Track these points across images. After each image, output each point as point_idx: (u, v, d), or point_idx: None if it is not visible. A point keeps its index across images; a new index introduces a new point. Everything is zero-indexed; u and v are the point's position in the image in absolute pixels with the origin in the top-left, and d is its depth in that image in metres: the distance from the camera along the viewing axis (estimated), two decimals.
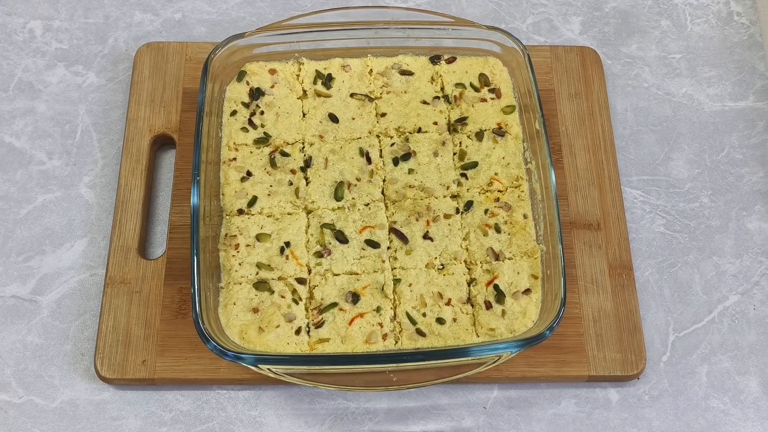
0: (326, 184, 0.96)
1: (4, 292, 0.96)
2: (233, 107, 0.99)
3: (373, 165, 0.97)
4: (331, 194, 0.95)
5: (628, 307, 0.94)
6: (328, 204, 0.95)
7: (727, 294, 0.98)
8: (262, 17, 1.14)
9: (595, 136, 1.03)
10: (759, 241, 1.01)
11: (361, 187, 0.96)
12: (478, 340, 0.88)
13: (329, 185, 0.96)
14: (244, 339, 0.87)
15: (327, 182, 0.96)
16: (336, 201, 0.95)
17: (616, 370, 0.91)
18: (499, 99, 1.01)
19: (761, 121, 1.09)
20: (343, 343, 0.87)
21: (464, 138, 0.98)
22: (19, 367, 0.92)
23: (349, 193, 0.95)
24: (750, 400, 0.92)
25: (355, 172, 0.96)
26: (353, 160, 0.97)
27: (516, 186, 0.96)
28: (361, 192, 0.95)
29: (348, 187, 0.95)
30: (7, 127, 1.05)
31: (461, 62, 1.03)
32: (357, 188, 0.95)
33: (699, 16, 1.16)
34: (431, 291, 0.90)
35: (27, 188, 1.01)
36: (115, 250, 0.95)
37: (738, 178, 1.05)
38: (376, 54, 1.03)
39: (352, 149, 0.98)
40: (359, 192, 0.95)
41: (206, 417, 0.90)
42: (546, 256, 0.90)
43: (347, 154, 0.97)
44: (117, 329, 0.91)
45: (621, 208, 0.99)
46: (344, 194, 0.95)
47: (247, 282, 0.90)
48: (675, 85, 1.11)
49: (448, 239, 0.93)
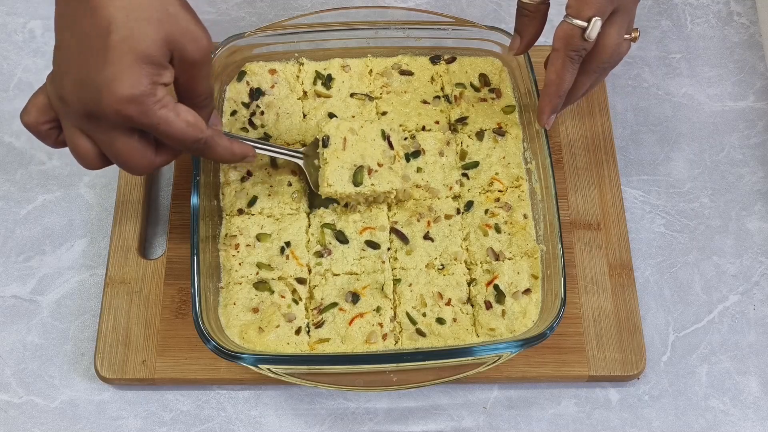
0: (344, 167, 0.91)
1: (4, 292, 0.96)
2: (233, 107, 0.99)
3: (394, 151, 0.92)
4: (349, 178, 0.91)
5: (628, 307, 0.94)
6: (346, 189, 0.90)
7: (727, 294, 0.98)
8: (262, 17, 1.14)
9: (595, 136, 1.03)
10: (759, 241, 1.01)
11: (382, 174, 0.91)
12: (478, 340, 0.88)
13: (348, 168, 0.91)
14: (244, 339, 0.87)
15: (345, 165, 0.91)
16: (354, 186, 0.90)
17: (616, 370, 0.91)
18: (499, 99, 1.01)
19: (761, 121, 1.09)
20: (343, 343, 0.87)
21: (465, 138, 0.98)
22: (19, 367, 0.92)
23: (369, 179, 0.91)
24: (750, 400, 0.92)
25: (377, 156, 0.92)
26: (374, 143, 0.92)
27: (516, 186, 0.96)
28: (381, 179, 0.91)
29: (369, 173, 0.91)
30: (7, 127, 1.05)
31: (461, 62, 1.03)
32: (378, 174, 0.91)
33: (699, 16, 1.16)
34: (431, 291, 0.90)
35: (27, 188, 1.01)
36: (115, 250, 0.95)
37: (738, 178, 1.05)
38: (376, 54, 1.03)
39: (374, 131, 0.93)
40: (379, 179, 0.91)
41: (206, 417, 0.90)
42: (546, 256, 0.90)
43: (368, 136, 0.92)
44: (117, 329, 0.91)
45: (621, 208, 0.99)
46: (364, 179, 0.91)
47: (247, 282, 0.90)
48: (675, 85, 1.11)
49: (448, 239, 0.93)
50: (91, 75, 0.68)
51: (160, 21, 0.69)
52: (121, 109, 0.69)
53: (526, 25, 0.90)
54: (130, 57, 0.68)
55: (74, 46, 0.70)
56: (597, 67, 0.86)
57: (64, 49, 0.71)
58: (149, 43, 0.69)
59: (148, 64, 0.69)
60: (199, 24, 0.73)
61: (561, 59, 0.84)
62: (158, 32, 0.69)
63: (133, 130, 0.73)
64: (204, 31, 0.73)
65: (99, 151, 0.74)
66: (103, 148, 0.74)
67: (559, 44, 0.83)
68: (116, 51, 0.68)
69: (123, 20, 0.68)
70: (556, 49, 0.83)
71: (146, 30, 0.68)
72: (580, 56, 0.84)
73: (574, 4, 0.81)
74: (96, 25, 0.68)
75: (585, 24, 0.81)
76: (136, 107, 0.69)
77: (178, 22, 0.71)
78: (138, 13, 0.68)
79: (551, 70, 0.85)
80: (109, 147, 0.73)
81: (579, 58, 0.84)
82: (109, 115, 0.69)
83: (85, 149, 0.74)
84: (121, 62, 0.68)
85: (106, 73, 0.68)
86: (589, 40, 0.81)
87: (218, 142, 0.79)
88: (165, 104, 0.71)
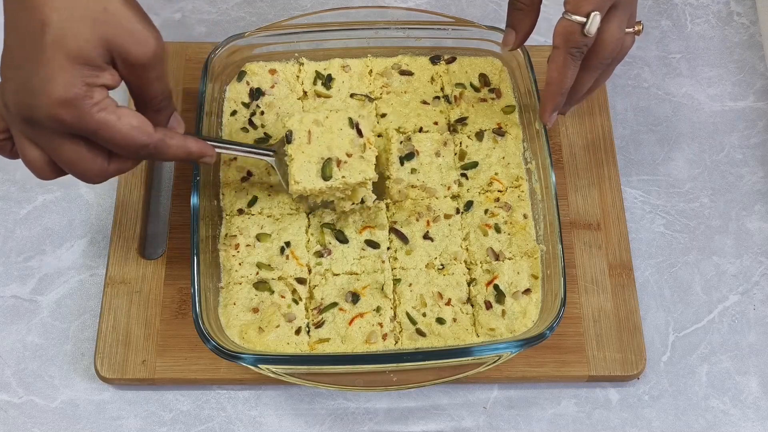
0: (311, 161, 0.88)
1: (4, 292, 0.96)
2: (233, 107, 0.99)
3: (364, 138, 0.89)
4: (317, 173, 0.87)
5: (628, 307, 0.94)
6: (315, 184, 0.87)
7: (727, 294, 0.98)
8: (262, 17, 1.14)
9: (595, 136, 1.03)
10: (759, 241, 1.01)
11: (353, 164, 0.88)
12: (478, 340, 0.88)
13: (315, 162, 0.88)
14: (244, 339, 0.87)
15: (312, 159, 0.88)
16: (324, 180, 0.87)
17: (616, 370, 0.91)
18: (499, 99, 1.01)
19: (761, 121, 1.09)
20: (343, 343, 0.87)
21: (464, 138, 0.98)
22: (19, 367, 0.92)
23: (339, 171, 0.87)
24: (750, 400, 0.92)
25: (346, 146, 0.88)
26: (341, 132, 0.89)
27: (516, 186, 0.96)
28: (352, 170, 0.88)
29: (338, 164, 0.87)
30: None
31: (461, 62, 1.03)
32: (348, 165, 0.88)
33: (699, 16, 1.16)
34: (431, 291, 0.90)
35: (27, 188, 1.01)
36: (115, 250, 0.95)
37: (738, 178, 1.05)
38: (376, 54, 1.03)
39: (340, 120, 0.90)
40: (350, 170, 0.88)
41: (206, 417, 0.90)
42: (546, 256, 0.90)
43: (334, 126, 0.89)
44: (117, 329, 0.91)
45: (621, 208, 0.99)
46: (333, 172, 0.87)
47: (247, 282, 0.90)
48: (675, 85, 1.11)
49: (448, 239, 0.93)
50: (27, 78, 0.66)
51: (95, 20, 0.66)
52: (55, 113, 0.65)
53: (521, 19, 0.89)
54: (62, 57, 0.65)
55: (15, 49, 0.67)
56: (599, 63, 0.85)
57: (8, 53, 0.68)
58: (82, 43, 0.65)
59: (82, 65, 0.66)
60: (147, 24, 0.69)
61: (562, 56, 0.83)
62: (93, 32, 0.66)
63: (79, 136, 0.69)
64: (151, 32, 0.69)
65: (49, 160, 0.71)
66: (52, 156, 0.70)
67: (559, 41, 0.82)
68: (49, 52, 0.65)
69: (57, 20, 0.65)
70: (556, 47, 0.83)
71: (80, 29, 0.65)
72: (582, 52, 0.83)
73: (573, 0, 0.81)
74: (31, 27, 0.65)
75: (584, 19, 0.80)
76: (70, 111, 0.66)
77: (119, 22, 0.67)
78: (72, 12, 0.65)
79: (552, 67, 0.84)
80: (57, 155, 0.70)
81: (580, 54, 0.83)
82: (44, 119, 0.66)
83: (33, 157, 0.71)
84: (53, 63, 0.65)
85: (40, 75, 0.65)
86: (589, 36, 0.81)
87: (169, 143, 0.75)
88: (103, 107, 0.67)
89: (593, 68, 0.86)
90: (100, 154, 0.71)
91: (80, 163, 0.71)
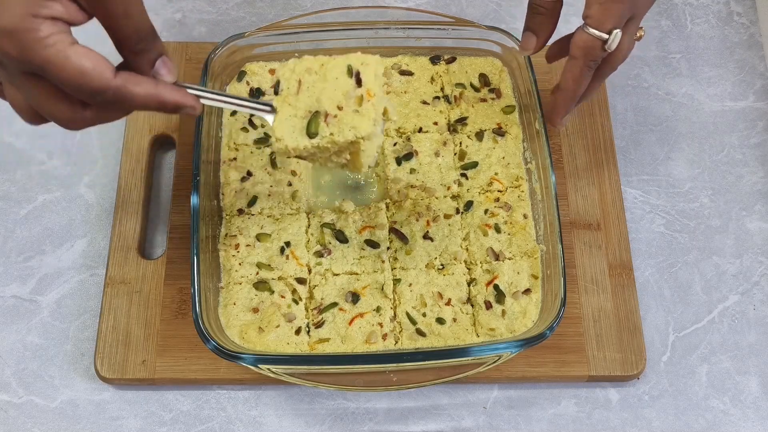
0: (297, 115, 0.74)
1: (4, 292, 0.96)
2: None
3: (363, 89, 0.74)
4: (302, 129, 0.73)
5: (628, 307, 0.94)
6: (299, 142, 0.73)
7: (727, 294, 0.98)
8: (262, 17, 1.14)
9: (595, 136, 1.03)
10: (759, 241, 1.01)
11: (343, 119, 0.73)
12: (478, 340, 0.88)
13: (301, 117, 0.74)
14: (244, 339, 0.87)
15: (298, 113, 0.74)
16: (309, 138, 0.73)
17: (616, 370, 0.91)
18: (499, 99, 1.01)
19: (761, 121, 1.09)
20: (343, 343, 0.87)
21: (464, 138, 0.98)
22: (19, 367, 0.92)
23: (327, 128, 0.73)
24: (750, 400, 0.92)
25: (338, 98, 0.74)
26: (337, 82, 0.74)
27: (516, 186, 0.96)
28: (342, 126, 0.73)
29: (325, 119, 0.73)
30: (7, 127, 1.05)
31: (461, 62, 1.03)
32: (338, 120, 0.73)
33: (699, 16, 1.16)
34: (431, 291, 0.90)
35: (27, 188, 1.01)
36: (115, 250, 0.95)
37: (738, 178, 1.05)
38: (376, 54, 1.03)
39: (338, 68, 0.75)
40: (340, 126, 0.73)
41: (206, 417, 0.90)
42: (546, 256, 0.90)
43: (329, 74, 0.75)
44: (117, 329, 0.91)
45: (621, 208, 0.99)
46: (320, 129, 0.73)
47: (247, 282, 0.90)
48: (675, 85, 1.11)
49: (448, 239, 0.93)
50: None
51: None
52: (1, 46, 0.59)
53: (542, 23, 0.89)
54: None
55: None
56: (609, 71, 0.87)
57: None
58: None
59: None
60: None
61: (579, 67, 0.84)
62: None
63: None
64: None
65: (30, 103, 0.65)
66: (25, 96, 0.65)
67: (579, 53, 0.83)
68: None
69: None
70: (574, 57, 0.84)
71: None
72: (597, 64, 0.85)
73: (595, 15, 0.81)
74: None
75: (606, 36, 0.81)
76: (12, 43, 0.59)
77: None
78: None
79: (568, 77, 0.85)
80: (30, 96, 0.64)
81: (596, 65, 0.85)
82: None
83: (11, 98, 0.66)
84: None
85: None
86: (609, 51, 0.82)
87: (133, 91, 0.64)
88: (50, 44, 0.59)
89: (603, 76, 0.88)
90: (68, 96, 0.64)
91: (46, 105, 0.64)
